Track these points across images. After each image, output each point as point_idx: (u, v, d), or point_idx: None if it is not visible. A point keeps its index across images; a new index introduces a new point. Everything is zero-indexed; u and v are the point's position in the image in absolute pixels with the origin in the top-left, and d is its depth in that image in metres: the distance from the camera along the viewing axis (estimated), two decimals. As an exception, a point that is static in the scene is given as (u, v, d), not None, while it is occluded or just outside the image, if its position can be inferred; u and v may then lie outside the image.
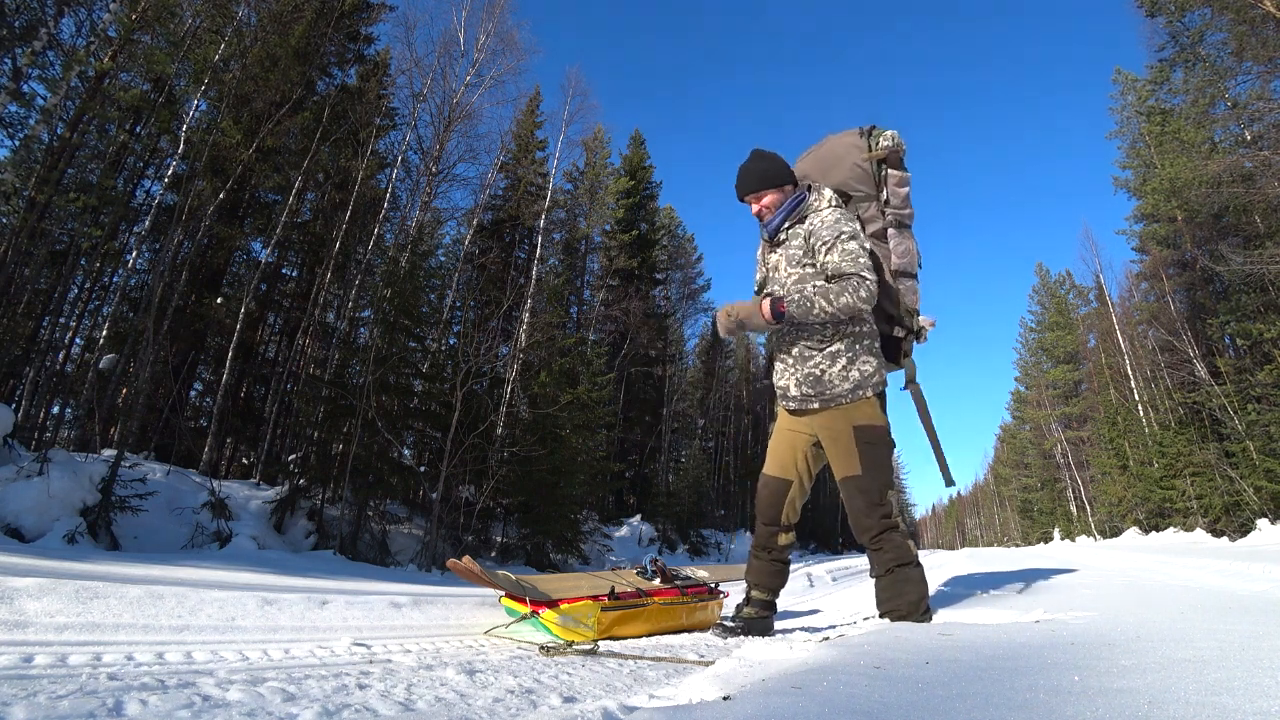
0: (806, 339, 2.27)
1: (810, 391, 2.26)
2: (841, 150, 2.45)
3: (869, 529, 2.20)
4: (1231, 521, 15.20)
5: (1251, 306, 14.98)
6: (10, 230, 7.05)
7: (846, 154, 2.44)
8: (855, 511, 2.23)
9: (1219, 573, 4.44)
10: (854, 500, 2.23)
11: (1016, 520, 41.34)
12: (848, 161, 2.43)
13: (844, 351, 2.24)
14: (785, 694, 0.96)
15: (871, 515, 2.19)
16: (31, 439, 8.48)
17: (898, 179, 2.39)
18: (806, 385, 2.27)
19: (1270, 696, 0.84)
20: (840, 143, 2.48)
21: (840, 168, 2.44)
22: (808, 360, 2.27)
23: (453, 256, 14.02)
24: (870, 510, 2.19)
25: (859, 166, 2.40)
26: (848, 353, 2.24)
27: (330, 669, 1.46)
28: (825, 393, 2.24)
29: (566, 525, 10.86)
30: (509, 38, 13.29)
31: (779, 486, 2.44)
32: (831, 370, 2.23)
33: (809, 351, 2.27)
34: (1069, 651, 1.29)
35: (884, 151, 2.37)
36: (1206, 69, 13.45)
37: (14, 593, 1.65)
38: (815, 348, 2.26)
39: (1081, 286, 29.99)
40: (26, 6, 6.52)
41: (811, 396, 2.27)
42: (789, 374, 2.32)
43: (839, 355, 2.23)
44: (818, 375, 2.25)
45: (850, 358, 2.24)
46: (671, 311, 23.95)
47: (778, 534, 2.45)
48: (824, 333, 2.25)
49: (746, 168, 2.39)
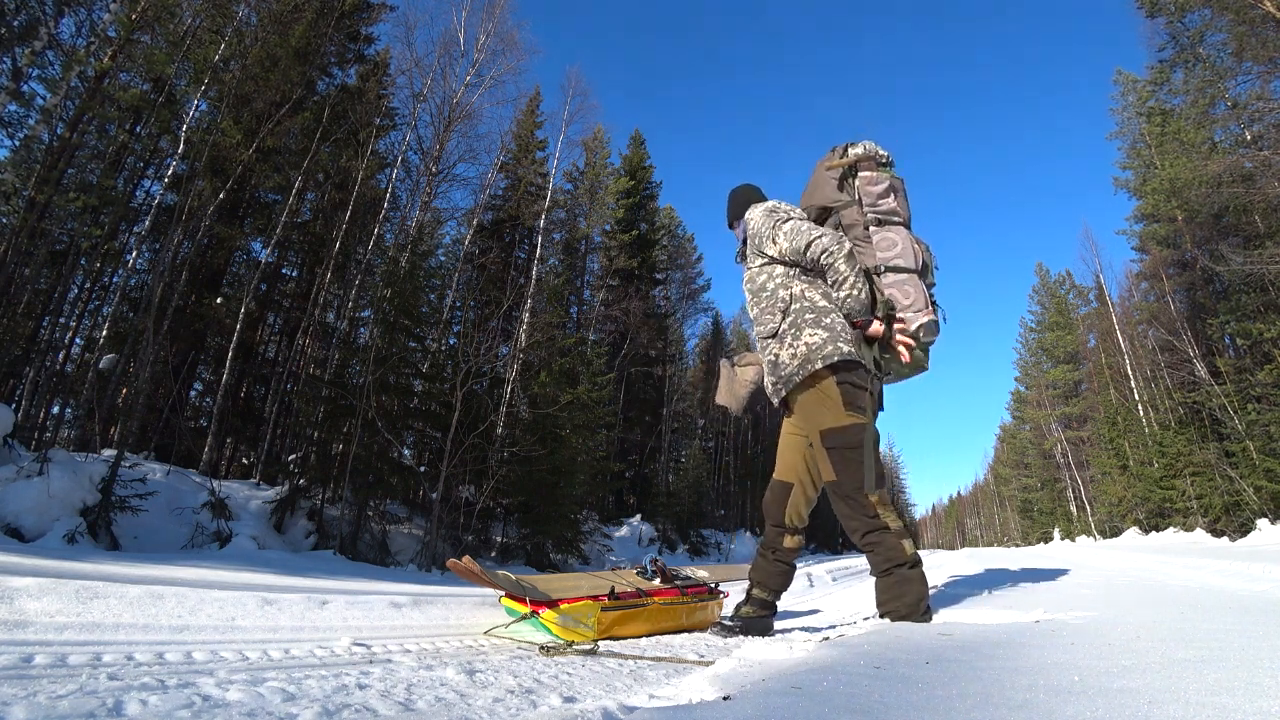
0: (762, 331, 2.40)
1: (773, 378, 2.35)
2: (819, 171, 2.57)
3: (855, 530, 2.20)
4: (1231, 521, 15.19)
5: (1251, 306, 14.98)
6: (10, 230, 7.05)
7: (821, 172, 2.56)
8: (840, 516, 2.24)
9: (1219, 573, 4.44)
10: (836, 506, 2.25)
11: (1016, 520, 41.35)
12: (824, 178, 2.54)
13: (788, 331, 2.30)
14: (785, 694, 0.96)
15: (855, 518, 2.17)
16: (31, 439, 8.48)
17: (868, 179, 2.44)
18: (771, 374, 2.37)
19: (1270, 696, 0.84)
20: (821, 165, 2.60)
21: (820, 187, 2.53)
22: (766, 350, 2.39)
23: (453, 256, 14.03)
24: (852, 513, 2.18)
25: (831, 179, 2.51)
26: (790, 330, 2.29)
27: (330, 669, 1.46)
28: (780, 375, 2.31)
29: (566, 525, 10.86)
30: (509, 38, 13.31)
31: (780, 489, 2.48)
32: (781, 353, 2.31)
33: (766, 343, 2.38)
34: (1069, 651, 1.29)
35: (852, 158, 2.45)
36: (1207, 69, 13.46)
37: (14, 593, 1.65)
38: (766, 336, 2.37)
39: (1081, 286, 30.03)
40: (26, 6, 6.52)
41: (777, 384, 2.34)
42: (767, 374, 2.43)
43: (784, 336, 2.31)
44: (773, 361, 2.34)
45: (794, 334, 2.28)
46: (671, 311, 23.95)
47: (783, 535, 2.47)
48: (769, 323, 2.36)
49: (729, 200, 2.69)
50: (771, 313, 2.36)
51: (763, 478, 23.93)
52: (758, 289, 2.43)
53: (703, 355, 27.64)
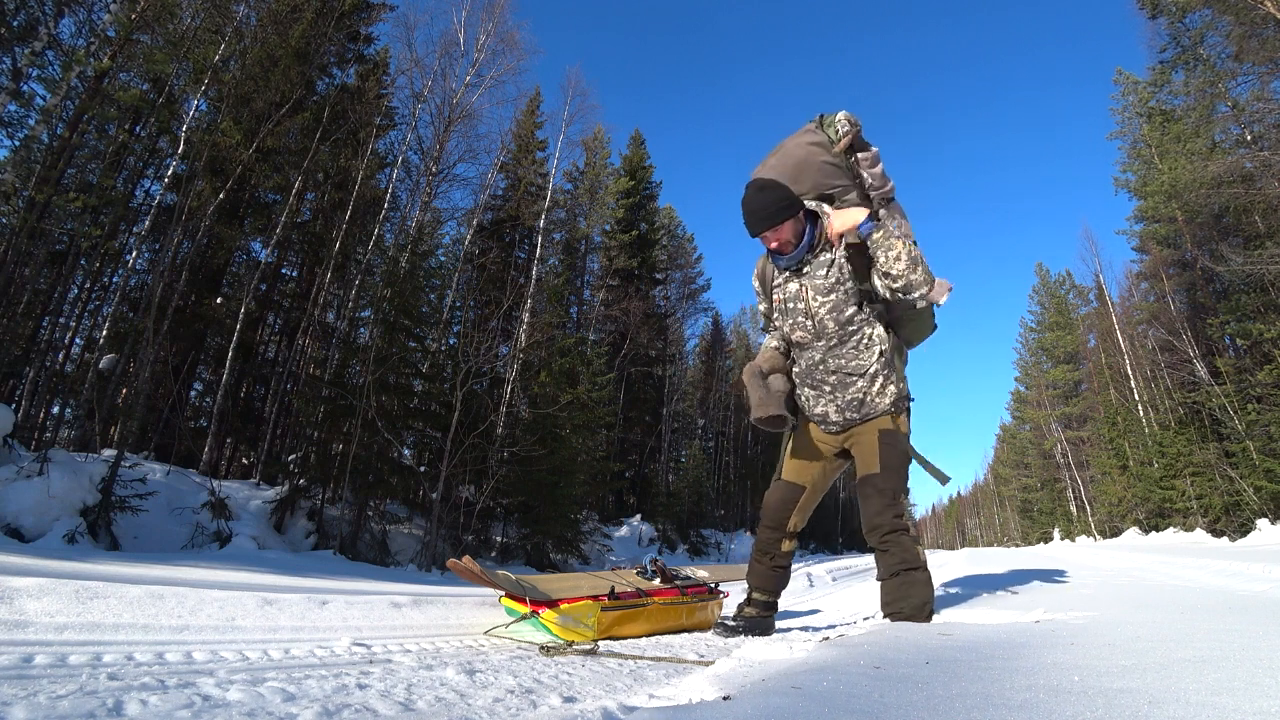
0: (845, 365, 2.28)
1: (855, 415, 2.31)
2: (803, 154, 2.31)
3: (880, 527, 2.19)
4: (1231, 521, 15.19)
5: (1251, 306, 14.97)
6: (10, 230, 7.05)
7: (811, 156, 2.30)
8: (869, 510, 2.23)
9: (1219, 573, 4.44)
10: (869, 499, 2.23)
11: (1016, 520, 41.34)
12: (815, 163, 2.30)
13: (881, 370, 2.27)
14: (785, 694, 0.96)
15: (884, 514, 2.18)
16: (31, 439, 8.48)
17: (868, 159, 2.30)
18: (850, 410, 2.31)
19: (1270, 696, 0.84)
20: (799, 145, 2.33)
21: (810, 172, 2.31)
22: (849, 387, 2.28)
23: (453, 256, 14.01)
24: (884, 509, 2.19)
25: (829, 164, 2.29)
26: (884, 370, 2.27)
27: (330, 669, 1.46)
28: (869, 413, 2.29)
29: (566, 525, 10.85)
30: (509, 38, 13.30)
31: (790, 493, 2.43)
32: (872, 389, 2.27)
33: (850, 379, 2.28)
34: (1069, 651, 1.29)
35: (847, 139, 2.25)
36: (1207, 70, 13.46)
37: (14, 593, 1.65)
38: (855, 373, 2.27)
39: (1081, 286, 30.03)
40: (26, 6, 6.52)
41: (855, 420, 2.32)
42: (827, 402, 2.34)
43: (877, 376, 2.27)
44: (860, 399, 2.29)
45: (887, 375, 2.27)
46: (671, 311, 23.95)
47: (781, 540, 2.45)
48: (857, 359, 2.26)
49: (758, 199, 2.20)
50: (859, 349, 2.26)
51: (763, 478, 23.94)
52: (845, 320, 2.24)
53: (702, 355, 27.63)
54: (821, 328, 2.26)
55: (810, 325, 2.28)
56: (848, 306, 2.23)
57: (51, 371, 9.52)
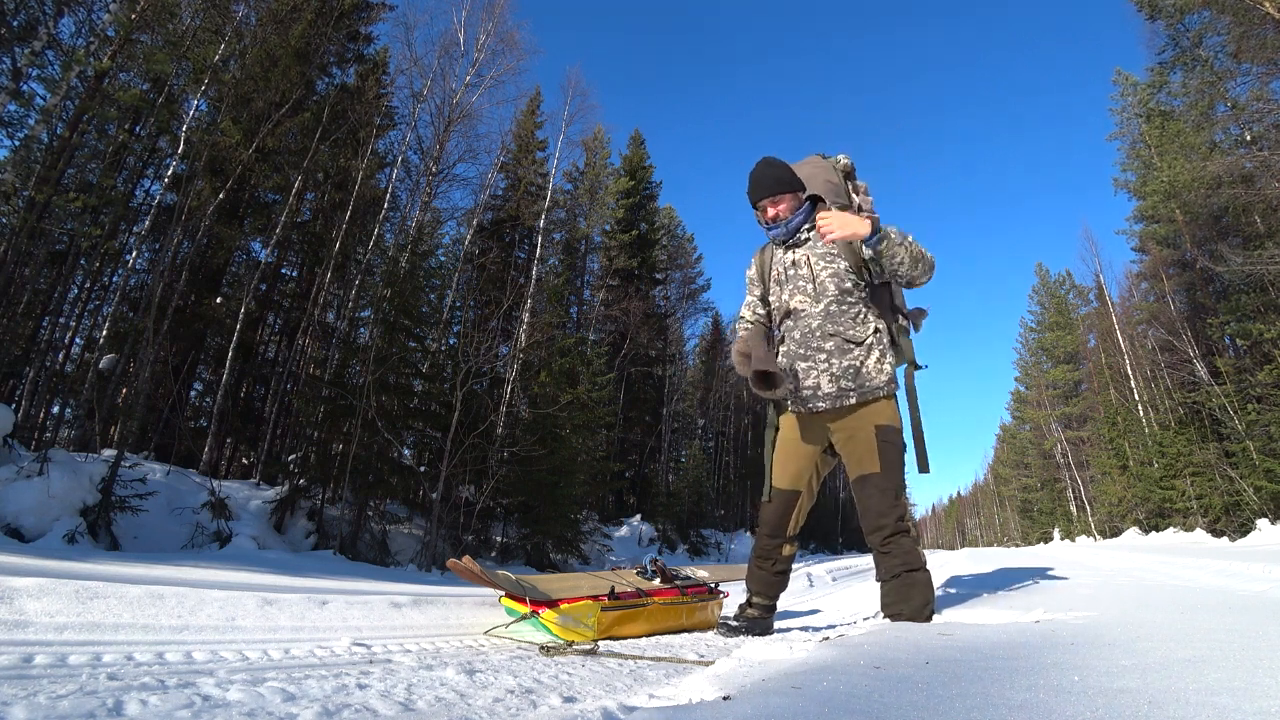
0: (843, 331, 2.30)
1: (850, 385, 2.25)
2: (811, 169, 2.59)
3: (882, 529, 2.17)
4: (1231, 521, 15.20)
5: (1251, 306, 14.98)
6: (10, 230, 7.05)
7: (818, 172, 2.60)
8: (871, 511, 2.20)
9: (1219, 573, 4.44)
10: (871, 499, 2.20)
11: (1016, 520, 41.35)
12: (820, 179, 2.57)
13: (877, 344, 2.29)
14: (785, 694, 0.96)
15: (887, 515, 2.17)
16: (31, 439, 8.48)
17: (863, 188, 2.66)
18: (846, 379, 2.25)
19: (1270, 696, 0.84)
20: (808, 162, 2.66)
21: (815, 184, 2.54)
22: (846, 353, 2.27)
23: (453, 256, 14.01)
24: (887, 510, 2.17)
25: (831, 182, 2.58)
26: (878, 345, 2.29)
27: (330, 669, 1.46)
28: (864, 385, 2.25)
29: (566, 525, 10.85)
30: (509, 38, 13.30)
31: (788, 499, 2.41)
32: (868, 361, 2.26)
33: (847, 345, 2.28)
34: (1069, 651, 1.29)
35: (846, 167, 2.65)
36: (1206, 70, 13.46)
37: (14, 593, 1.65)
38: (853, 340, 2.28)
39: (1081, 286, 30.04)
40: (26, 6, 6.51)
41: (850, 390, 2.25)
42: (820, 372, 2.28)
43: (873, 346, 2.28)
44: (856, 367, 2.25)
45: (883, 350, 2.29)
46: (671, 311, 23.95)
47: (782, 545, 2.44)
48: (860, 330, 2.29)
49: (763, 173, 2.41)
50: (857, 321, 2.29)
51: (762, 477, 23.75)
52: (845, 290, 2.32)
53: (702, 355, 27.63)
54: (822, 289, 2.32)
55: (811, 288, 2.34)
56: (847, 279, 2.33)
57: (51, 371, 9.51)
